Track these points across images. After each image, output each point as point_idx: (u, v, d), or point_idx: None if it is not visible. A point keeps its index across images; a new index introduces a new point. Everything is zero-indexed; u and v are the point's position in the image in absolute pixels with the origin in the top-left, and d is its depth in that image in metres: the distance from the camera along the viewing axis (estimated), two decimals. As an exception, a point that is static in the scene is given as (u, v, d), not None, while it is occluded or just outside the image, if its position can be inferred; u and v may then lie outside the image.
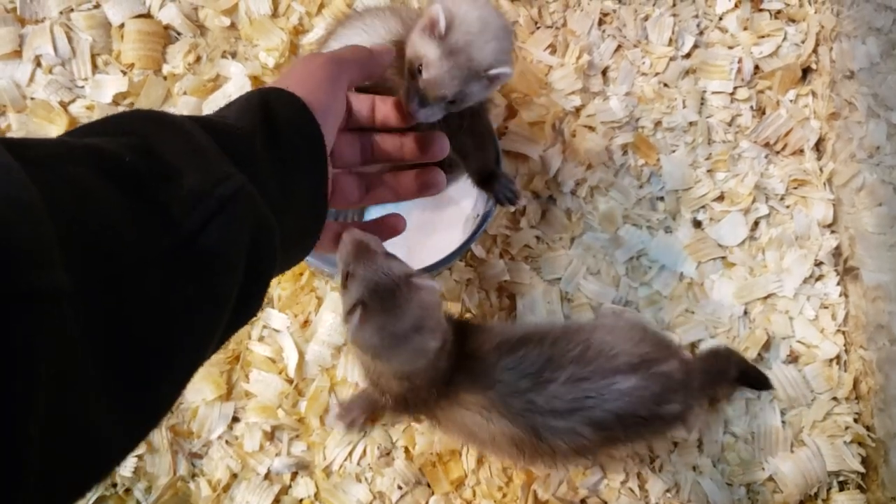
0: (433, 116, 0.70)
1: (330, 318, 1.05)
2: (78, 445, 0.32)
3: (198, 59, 1.11)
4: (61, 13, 1.09)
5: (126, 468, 0.99)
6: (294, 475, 1.01)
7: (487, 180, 0.90)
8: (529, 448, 0.85)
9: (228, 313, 0.44)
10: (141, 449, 0.99)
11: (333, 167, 0.69)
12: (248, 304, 0.46)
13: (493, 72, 0.69)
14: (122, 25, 1.10)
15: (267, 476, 1.01)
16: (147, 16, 1.11)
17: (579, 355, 0.85)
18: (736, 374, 0.99)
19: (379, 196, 0.73)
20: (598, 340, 0.87)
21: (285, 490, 1.01)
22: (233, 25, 1.12)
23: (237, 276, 0.43)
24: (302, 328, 1.05)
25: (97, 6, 1.11)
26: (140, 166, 0.40)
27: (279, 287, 1.06)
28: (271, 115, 0.52)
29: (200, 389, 1.01)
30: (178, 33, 1.12)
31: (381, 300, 0.73)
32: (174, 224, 0.39)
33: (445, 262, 0.93)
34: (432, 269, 0.93)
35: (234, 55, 1.12)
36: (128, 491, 1.00)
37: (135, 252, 0.37)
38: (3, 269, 0.28)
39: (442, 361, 0.81)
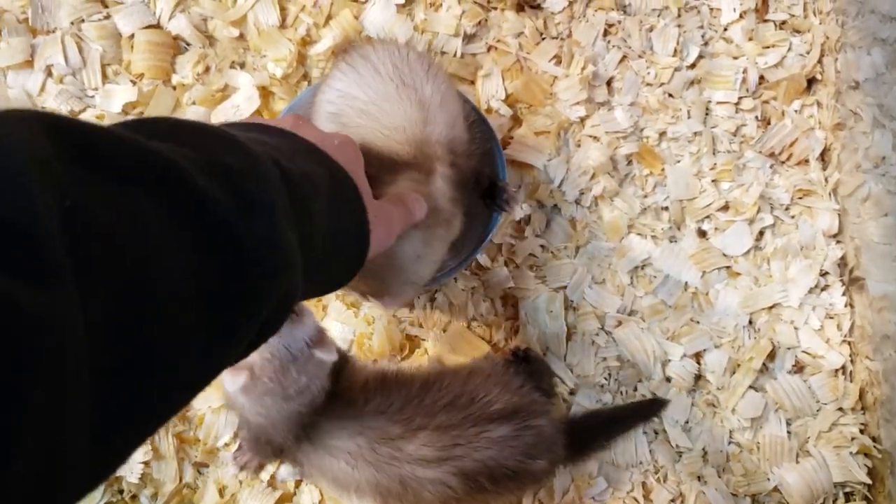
0: None
1: (334, 326, 1.05)
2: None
3: (207, 69, 1.12)
4: (72, 24, 1.11)
5: (133, 475, 1.00)
6: (298, 483, 1.02)
7: (488, 191, 0.91)
8: (394, 498, 0.82)
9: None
10: (147, 456, 1.00)
11: None
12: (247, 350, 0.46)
13: None
14: (132, 36, 1.11)
15: (271, 483, 1.01)
16: (157, 26, 1.12)
17: (451, 402, 0.82)
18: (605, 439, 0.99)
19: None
20: (471, 387, 0.84)
21: (290, 497, 1.02)
22: (241, 36, 1.13)
23: (256, 327, 0.43)
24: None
25: (108, 17, 1.12)
26: (220, 196, 0.39)
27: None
28: (336, 198, 0.53)
29: (207, 397, 1.02)
30: (188, 44, 1.13)
31: (273, 372, 0.71)
32: (238, 266, 0.39)
33: (451, 273, 0.94)
34: (439, 280, 0.94)
35: (242, 65, 1.13)
36: (134, 497, 1.01)
37: (183, 288, 0.36)
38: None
39: (305, 408, 0.78)
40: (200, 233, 0.37)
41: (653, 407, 1.03)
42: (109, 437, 0.33)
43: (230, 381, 0.72)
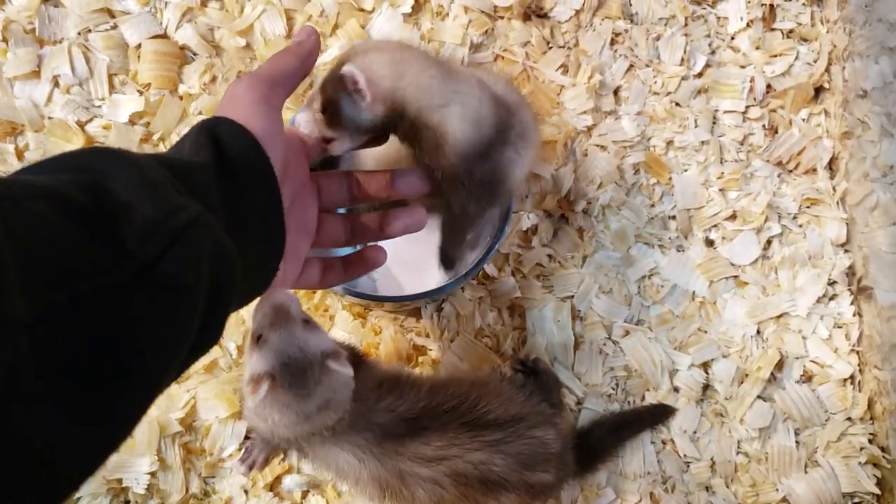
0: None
1: (341, 336, 1.05)
2: (25, 465, 0.34)
3: (213, 78, 1.12)
4: (79, 34, 1.11)
5: (139, 485, 0.99)
6: (305, 493, 1.02)
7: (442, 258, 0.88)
8: (391, 492, 0.83)
9: (190, 340, 0.45)
10: (154, 466, 0.99)
11: (320, 207, 0.71)
12: (207, 332, 0.47)
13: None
14: (138, 46, 1.12)
15: (277, 494, 1.01)
16: (163, 36, 1.13)
17: (454, 406, 0.84)
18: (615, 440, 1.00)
19: (365, 236, 0.74)
20: (474, 396, 0.85)
21: (297, 508, 1.01)
22: (248, 46, 1.14)
23: (198, 303, 0.44)
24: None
25: (114, 27, 1.12)
26: (92, 205, 0.41)
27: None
28: (221, 147, 0.53)
29: (213, 407, 1.02)
30: (194, 53, 1.13)
31: (291, 377, 0.71)
32: (130, 255, 0.40)
33: (457, 283, 0.93)
34: (444, 290, 0.93)
35: (248, 75, 1.13)
36: (141, 508, 1.01)
37: (93, 282, 0.38)
38: None
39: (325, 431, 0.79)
40: (98, 236, 0.40)
41: (660, 413, 1.03)
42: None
43: (250, 395, 0.72)
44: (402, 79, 0.69)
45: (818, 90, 1.17)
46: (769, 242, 1.12)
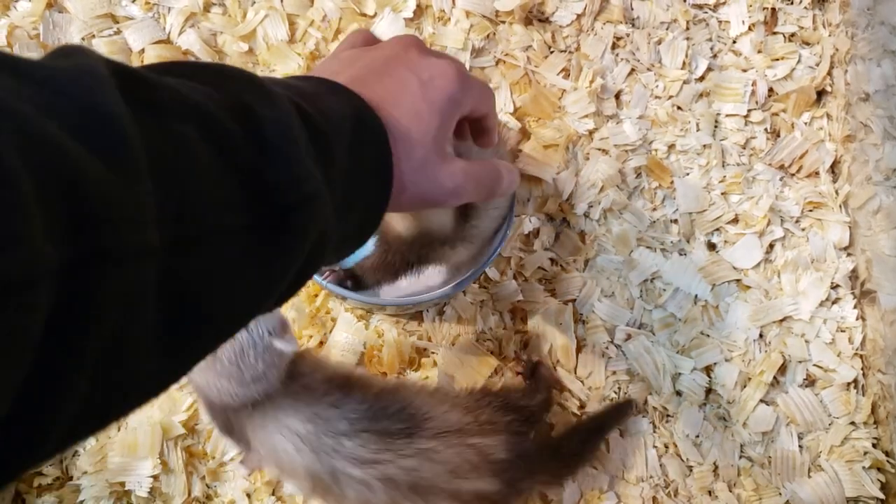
0: None
1: (342, 337, 1.05)
2: (123, 380, 0.34)
3: (216, 83, 1.13)
4: (83, 39, 1.12)
5: (142, 488, 1.00)
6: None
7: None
8: (322, 488, 0.84)
9: (273, 296, 0.45)
10: (156, 469, 1.00)
11: None
12: (291, 290, 0.47)
13: None
14: (142, 51, 1.12)
15: (280, 498, 1.01)
16: (167, 42, 1.13)
17: (396, 412, 0.84)
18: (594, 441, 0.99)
19: None
20: (419, 402, 0.86)
21: (299, 512, 1.01)
22: (251, 51, 1.14)
23: (297, 266, 0.44)
24: (318, 348, 1.06)
25: (118, 32, 1.13)
26: (241, 140, 0.40)
27: (293, 309, 1.06)
28: (359, 139, 0.51)
29: (216, 411, 1.02)
30: (197, 58, 1.14)
31: (232, 353, 0.73)
32: (269, 202, 0.40)
33: (459, 287, 0.94)
34: (446, 294, 0.93)
35: (251, 80, 1.14)
36: (143, 511, 1.01)
37: (226, 219, 0.37)
38: (99, 227, 0.28)
39: (260, 396, 0.81)
40: (234, 172, 0.39)
41: (622, 411, 1.02)
42: (171, 353, 0.35)
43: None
44: None
45: (820, 94, 1.17)
46: (771, 246, 1.12)
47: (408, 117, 0.56)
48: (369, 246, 0.93)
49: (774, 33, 1.20)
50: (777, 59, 1.18)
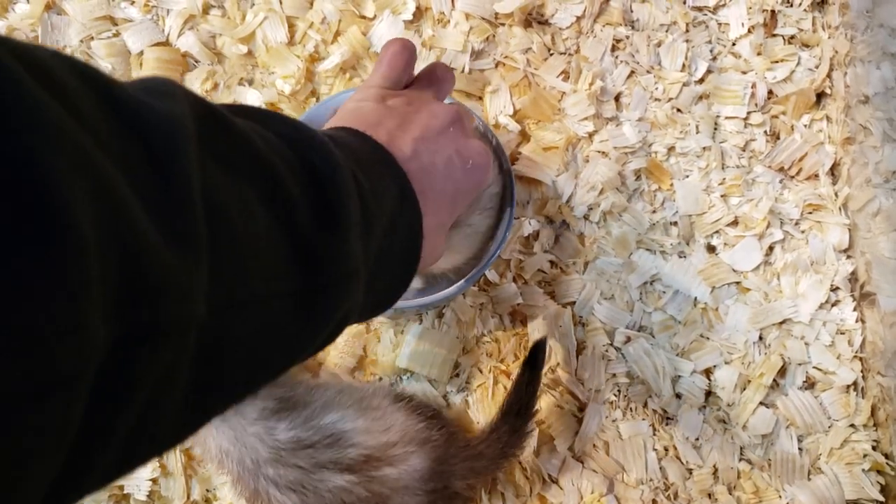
0: None
1: (342, 339, 1.05)
2: (148, 447, 0.34)
3: (215, 86, 1.13)
4: (81, 41, 1.12)
5: (140, 492, 1.00)
6: (307, 500, 1.01)
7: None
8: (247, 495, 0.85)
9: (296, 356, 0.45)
10: (155, 473, 1.00)
11: None
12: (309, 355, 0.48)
13: None
14: (141, 53, 1.12)
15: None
16: (165, 44, 1.13)
17: (318, 441, 0.82)
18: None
19: None
20: (345, 428, 0.84)
21: (298, 515, 1.01)
22: (250, 53, 1.14)
23: (325, 334, 0.45)
24: (316, 352, 1.05)
25: (117, 34, 1.13)
26: (301, 203, 0.40)
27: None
28: (394, 224, 0.51)
29: (215, 414, 1.02)
30: (196, 61, 1.14)
31: None
32: (318, 273, 0.40)
33: (459, 290, 0.93)
34: (446, 297, 0.93)
35: (250, 82, 1.14)
36: (142, 515, 1.01)
37: (275, 285, 0.37)
38: (151, 304, 0.27)
39: None
40: (288, 239, 0.39)
41: (536, 355, 0.98)
42: (198, 409, 0.35)
43: None
44: None
45: (820, 96, 1.17)
46: (771, 248, 1.12)
47: (440, 208, 0.58)
48: None
49: (774, 35, 1.20)
50: (777, 62, 1.18)
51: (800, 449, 1.05)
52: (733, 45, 1.20)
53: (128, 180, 0.27)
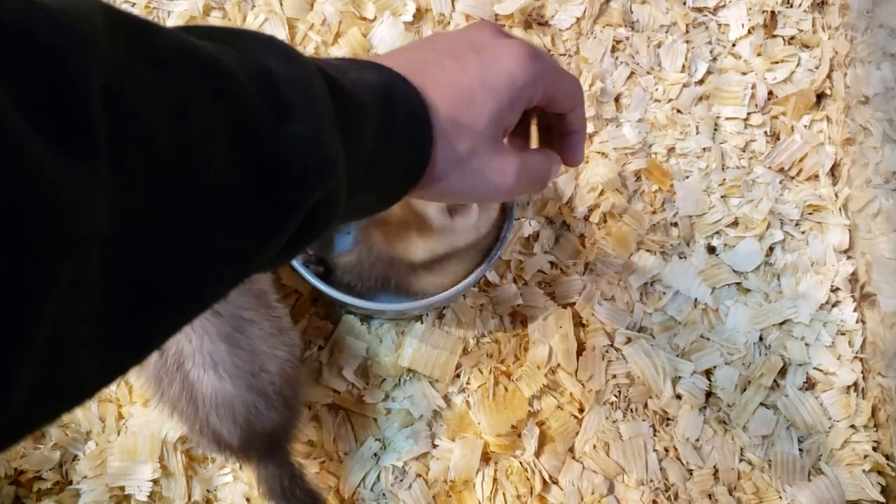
0: None
1: (345, 339, 1.05)
2: (63, 377, 0.30)
3: (216, 87, 1.13)
4: (83, 43, 1.12)
5: (141, 492, 1.00)
6: (308, 501, 1.01)
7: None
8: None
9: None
10: (156, 473, 1.00)
11: None
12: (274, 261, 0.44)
13: None
14: (142, 55, 1.12)
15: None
16: (167, 45, 1.13)
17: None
18: None
19: None
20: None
21: (299, 516, 1.01)
22: (250, 54, 1.14)
23: (289, 235, 0.41)
24: (319, 353, 1.06)
25: (118, 36, 1.13)
26: (258, 97, 0.37)
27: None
28: (390, 116, 0.46)
29: (215, 415, 1.02)
30: (197, 62, 1.14)
31: None
32: (278, 170, 0.37)
33: (460, 291, 0.94)
34: (449, 298, 0.94)
35: (251, 83, 1.14)
36: (143, 516, 1.01)
37: (228, 181, 0.35)
38: (48, 215, 0.25)
39: None
40: (237, 133, 0.36)
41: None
42: (124, 335, 0.32)
43: None
44: None
45: (820, 96, 1.18)
46: (771, 249, 1.12)
47: (457, 101, 0.50)
48: (348, 242, 0.94)
49: (774, 36, 1.20)
50: (777, 63, 1.18)
51: (800, 450, 1.05)
52: (733, 45, 1.20)
53: (4, 81, 0.25)
